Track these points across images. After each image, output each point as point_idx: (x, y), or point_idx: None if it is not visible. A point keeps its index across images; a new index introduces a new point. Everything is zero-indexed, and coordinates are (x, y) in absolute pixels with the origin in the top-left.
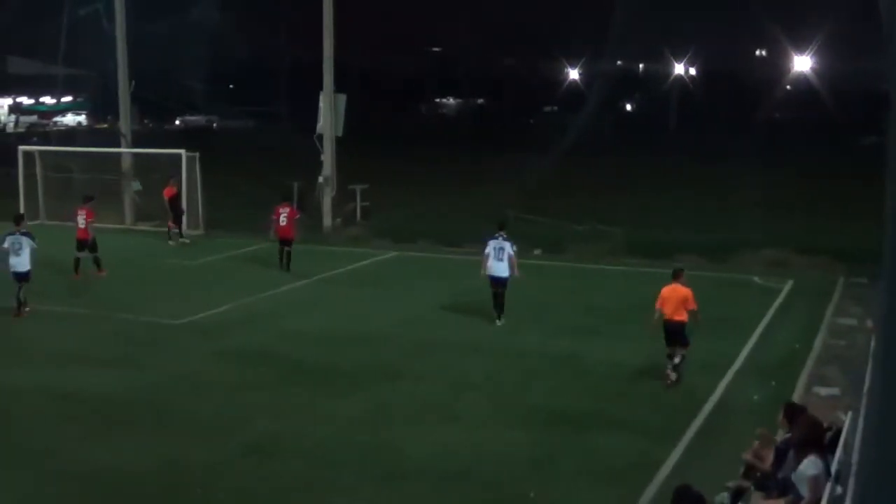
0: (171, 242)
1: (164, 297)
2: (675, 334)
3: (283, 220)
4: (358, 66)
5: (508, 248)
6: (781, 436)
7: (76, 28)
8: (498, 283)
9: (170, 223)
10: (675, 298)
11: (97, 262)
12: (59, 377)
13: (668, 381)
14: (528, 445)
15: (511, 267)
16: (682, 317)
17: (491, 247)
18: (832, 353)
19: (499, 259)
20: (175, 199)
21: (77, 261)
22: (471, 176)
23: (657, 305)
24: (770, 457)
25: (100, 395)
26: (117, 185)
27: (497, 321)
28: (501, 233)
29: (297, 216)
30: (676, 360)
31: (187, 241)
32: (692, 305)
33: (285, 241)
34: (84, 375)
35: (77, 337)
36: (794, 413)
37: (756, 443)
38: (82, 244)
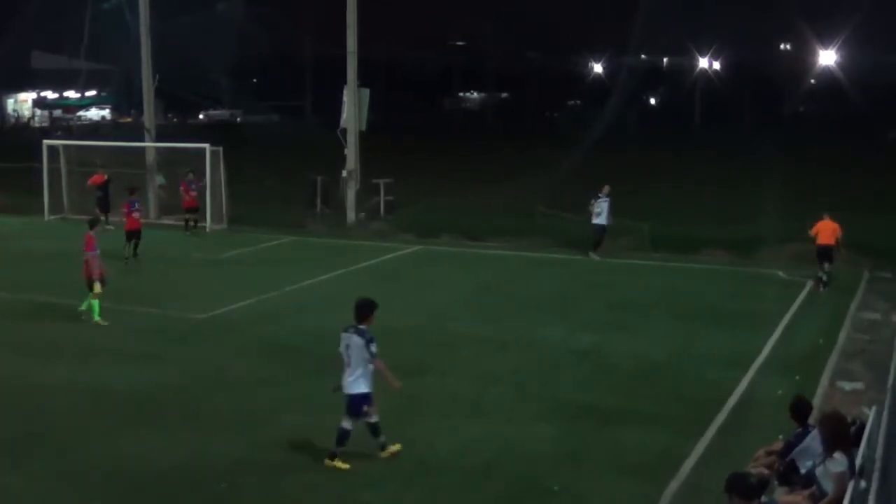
0: (109, 227)
1: (189, 291)
2: (825, 255)
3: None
4: (382, 60)
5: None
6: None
7: (100, 22)
8: (604, 230)
9: (97, 210)
10: (828, 229)
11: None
12: (86, 371)
13: (818, 289)
14: (554, 439)
15: (609, 217)
16: (832, 241)
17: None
18: (856, 347)
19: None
20: (104, 186)
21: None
22: (494, 170)
23: (812, 233)
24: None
25: (125, 389)
26: (141, 180)
27: (592, 254)
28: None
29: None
30: (824, 276)
31: (111, 228)
32: (839, 233)
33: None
34: (110, 370)
35: (103, 331)
36: (803, 409)
37: (762, 451)
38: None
